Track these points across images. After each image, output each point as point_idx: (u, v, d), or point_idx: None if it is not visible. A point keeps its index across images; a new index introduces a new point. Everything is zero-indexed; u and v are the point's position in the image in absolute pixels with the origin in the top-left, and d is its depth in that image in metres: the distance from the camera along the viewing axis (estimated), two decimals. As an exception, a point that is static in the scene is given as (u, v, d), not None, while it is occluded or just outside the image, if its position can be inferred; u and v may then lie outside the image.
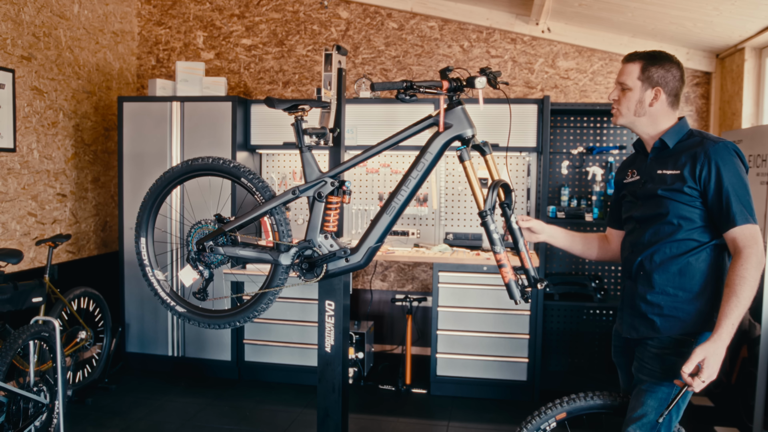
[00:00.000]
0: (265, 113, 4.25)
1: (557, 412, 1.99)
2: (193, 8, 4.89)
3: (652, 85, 1.88)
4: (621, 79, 1.93)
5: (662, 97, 1.88)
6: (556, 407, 2.00)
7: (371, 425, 3.52)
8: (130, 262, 4.25)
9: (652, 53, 1.91)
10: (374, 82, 2.22)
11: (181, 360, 4.26)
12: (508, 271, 1.99)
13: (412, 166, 2.14)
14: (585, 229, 4.33)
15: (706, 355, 1.67)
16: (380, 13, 4.63)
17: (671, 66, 1.89)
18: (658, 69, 1.88)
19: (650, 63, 1.89)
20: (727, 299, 1.69)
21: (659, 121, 1.91)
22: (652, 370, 1.85)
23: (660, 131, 1.91)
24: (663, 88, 1.88)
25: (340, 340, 2.64)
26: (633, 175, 2.01)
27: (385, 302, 4.69)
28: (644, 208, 1.92)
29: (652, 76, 1.88)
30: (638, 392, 1.86)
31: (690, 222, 1.81)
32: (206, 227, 2.34)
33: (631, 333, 1.92)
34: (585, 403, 2.00)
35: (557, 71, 4.45)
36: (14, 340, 2.76)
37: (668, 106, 1.90)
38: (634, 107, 1.91)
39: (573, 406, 1.98)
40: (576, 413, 1.99)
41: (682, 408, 1.85)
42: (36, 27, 3.86)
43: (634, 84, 1.90)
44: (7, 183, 3.67)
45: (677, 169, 1.83)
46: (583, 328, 4.29)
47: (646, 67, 1.88)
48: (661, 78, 1.87)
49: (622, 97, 1.93)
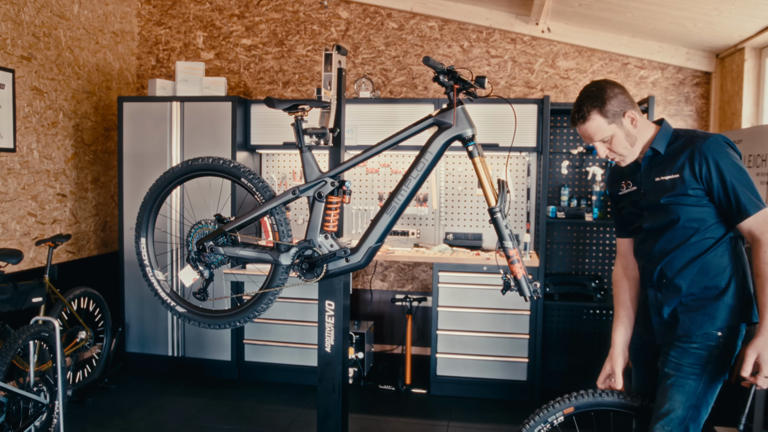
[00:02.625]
0: (265, 113, 4.25)
1: (565, 406, 1.98)
2: (193, 8, 4.89)
3: (622, 115, 1.86)
4: (597, 138, 1.89)
5: (635, 113, 1.87)
6: (565, 401, 1.99)
7: (371, 425, 3.52)
8: (130, 262, 4.25)
9: (593, 96, 1.87)
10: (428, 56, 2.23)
11: (181, 360, 4.26)
12: (520, 268, 2.00)
13: (412, 166, 2.14)
14: (585, 229, 4.33)
15: (759, 351, 1.67)
16: (380, 13, 4.63)
17: (614, 88, 1.87)
18: (611, 101, 1.85)
19: (602, 104, 1.85)
20: (762, 290, 1.70)
21: (645, 133, 1.91)
22: (678, 364, 1.83)
23: (647, 141, 1.91)
24: (629, 108, 1.87)
25: (340, 340, 2.64)
26: (628, 186, 1.99)
27: (385, 302, 4.69)
28: (653, 218, 1.91)
29: (615, 110, 1.86)
30: (664, 388, 1.85)
31: (702, 222, 1.82)
32: (206, 227, 2.34)
33: (664, 339, 1.90)
34: (593, 399, 1.99)
35: (557, 71, 4.45)
36: (14, 340, 2.76)
37: (641, 116, 1.90)
38: (628, 142, 1.89)
39: (582, 402, 1.98)
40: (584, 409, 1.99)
41: (711, 404, 1.84)
42: (36, 27, 3.86)
43: (611, 130, 1.87)
44: (7, 183, 3.67)
45: (676, 173, 1.83)
46: (583, 328, 4.28)
47: (605, 111, 1.85)
48: (621, 103, 1.86)
49: (612, 147, 1.90)
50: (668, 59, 4.26)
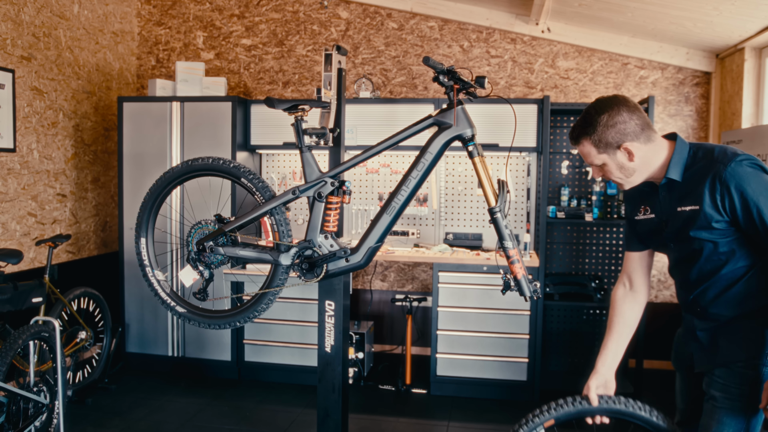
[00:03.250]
0: (265, 113, 4.25)
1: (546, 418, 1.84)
2: (193, 8, 4.89)
3: (616, 147, 1.69)
4: (587, 161, 1.76)
5: (635, 146, 1.68)
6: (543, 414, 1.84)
7: (371, 425, 3.52)
8: (130, 262, 4.25)
9: (587, 122, 1.70)
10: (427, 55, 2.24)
11: (181, 360, 4.26)
12: (520, 268, 2.00)
13: (412, 166, 2.14)
14: (585, 229, 4.33)
15: None
16: (380, 13, 4.63)
17: (615, 114, 1.67)
18: (605, 131, 1.67)
19: (593, 133, 1.69)
20: None
21: (653, 161, 1.72)
22: (725, 385, 1.72)
23: (660, 166, 1.73)
24: (627, 140, 1.68)
25: (340, 340, 2.64)
26: (646, 212, 1.85)
27: (385, 302, 4.69)
28: (679, 249, 1.79)
29: (608, 141, 1.68)
30: (711, 409, 1.74)
31: (732, 253, 1.69)
32: (206, 227, 2.34)
33: (704, 366, 1.80)
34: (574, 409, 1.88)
35: (557, 71, 4.45)
36: (14, 341, 2.76)
37: (647, 144, 1.70)
38: (623, 174, 1.74)
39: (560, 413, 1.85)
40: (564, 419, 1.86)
41: (758, 429, 1.74)
42: (36, 27, 3.86)
43: (602, 159, 1.73)
44: (7, 183, 3.67)
45: (695, 204, 1.67)
46: (583, 328, 4.29)
47: (595, 141, 1.70)
48: (617, 134, 1.67)
49: (605, 172, 1.77)
50: (668, 59, 4.26)
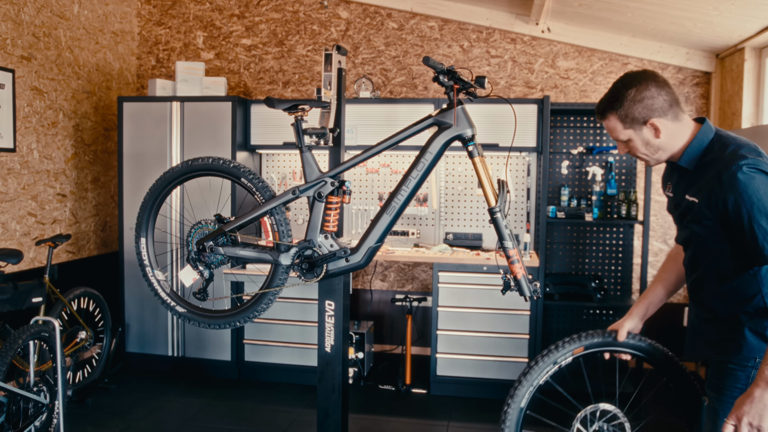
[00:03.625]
0: (265, 113, 4.25)
1: (575, 345, 1.95)
2: (193, 8, 4.89)
3: (643, 123, 1.67)
4: (613, 136, 1.75)
5: (662, 122, 1.66)
6: (574, 341, 1.95)
7: (371, 425, 3.52)
8: (130, 262, 4.25)
9: (614, 96, 1.70)
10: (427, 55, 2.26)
11: (181, 360, 4.26)
12: (520, 268, 2.00)
13: (412, 166, 2.14)
14: (585, 229, 4.33)
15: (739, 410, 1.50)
16: (380, 13, 4.63)
17: (642, 89, 1.66)
18: (632, 106, 1.66)
19: (620, 108, 1.68)
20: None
21: (677, 140, 1.70)
22: (718, 386, 1.70)
23: (681, 148, 1.70)
24: (654, 116, 1.66)
25: (340, 340, 2.64)
26: (669, 190, 1.85)
27: (385, 302, 4.69)
28: (681, 233, 1.80)
29: (635, 116, 1.67)
30: (709, 410, 1.73)
31: (723, 251, 1.66)
32: (206, 227, 2.34)
33: (689, 355, 1.81)
34: (602, 339, 1.95)
35: (557, 71, 4.45)
36: (14, 340, 2.76)
37: (674, 122, 1.68)
38: (648, 150, 1.72)
39: (592, 341, 1.94)
40: (594, 349, 1.95)
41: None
42: (36, 27, 3.86)
43: (627, 134, 1.71)
44: (7, 183, 3.67)
45: (696, 196, 1.66)
46: (583, 328, 4.25)
47: (622, 116, 1.69)
48: (645, 109, 1.66)
49: (630, 148, 1.76)
50: (668, 59, 4.26)
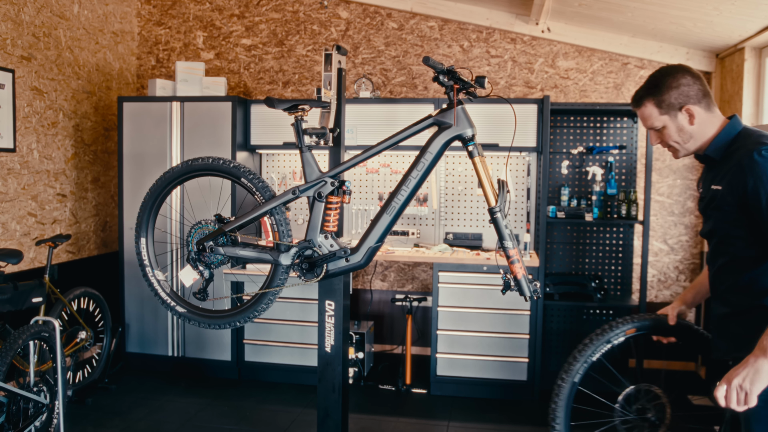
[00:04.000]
0: (265, 113, 4.25)
1: (628, 326, 2.09)
2: (193, 8, 4.89)
3: (678, 109, 1.75)
4: (647, 124, 1.81)
5: (697, 110, 1.74)
6: (627, 323, 2.09)
7: (371, 425, 3.52)
8: (130, 262, 4.25)
9: (652, 83, 1.78)
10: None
11: (181, 360, 4.26)
12: (520, 268, 2.00)
13: (412, 166, 2.14)
14: (585, 229, 4.33)
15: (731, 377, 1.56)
16: (380, 13, 4.63)
17: (679, 77, 1.74)
18: (669, 92, 1.74)
19: (658, 94, 1.76)
20: None
21: (707, 130, 1.76)
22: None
23: (709, 139, 1.76)
24: (690, 103, 1.74)
25: (340, 340, 2.64)
26: (699, 188, 1.90)
27: (385, 302, 4.69)
28: (705, 224, 1.83)
29: (671, 102, 1.74)
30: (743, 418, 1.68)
31: (743, 238, 1.68)
32: (206, 227, 2.34)
33: (717, 354, 1.80)
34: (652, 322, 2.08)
35: (557, 71, 4.45)
36: (14, 340, 2.76)
37: (706, 112, 1.75)
38: (681, 138, 1.78)
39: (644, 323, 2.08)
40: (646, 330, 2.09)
41: None
42: (36, 27, 3.86)
43: (663, 121, 1.78)
44: (7, 183, 3.67)
45: (719, 184, 1.70)
46: (583, 328, 4.28)
47: (659, 101, 1.76)
48: (681, 95, 1.73)
49: (664, 136, 1.81)
50: (668, 59, 4.26)
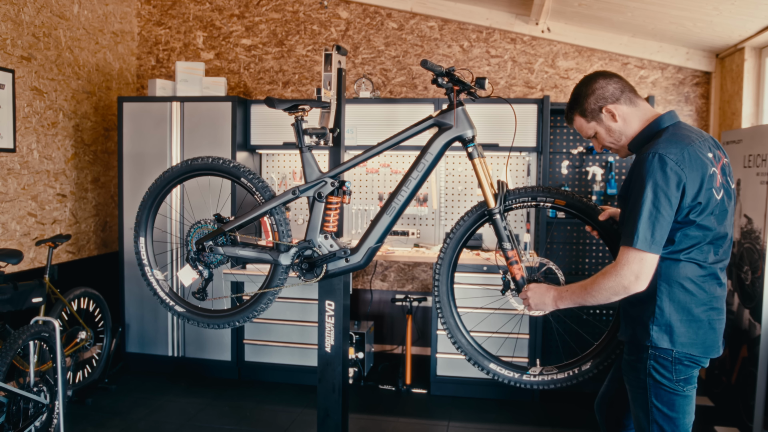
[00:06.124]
0: (265, 113, 4.25)
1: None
2: (192, 8, 4.89)
3: (599, 112, 1.84)
4: (583, 135, 1.93)
5: (616, 107, 1.82)
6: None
7: (371, 425, 3.52)
8: (130, 262, 4.25)
9: (573, 97, 1.89)
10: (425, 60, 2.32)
11: (181, 360, 4.26)
12: (519, 269, 2.01)
13: (413, 167, 2.14)
14: (585, 229, 4.32)
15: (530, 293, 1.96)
16: (380, 13, 4.63)
17: (592, 83, 1.84)
18: (588, 99, 1.84)
19: (580, 105, 1.86)
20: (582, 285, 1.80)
21: (633, 125, 1.84)
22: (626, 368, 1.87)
23: (634, 132, 1.84)
24: (608, 103, 1.82)
25: (340, 340, 2.64)
26: None
27: (385, 302, 4.69)
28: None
29: (592, 108, 1.84)
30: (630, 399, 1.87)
31: None
32: (206, 227, 2.34)
33: (619, 334, 1.94)
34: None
35: (557, 71, 4.45)
36: (14, 341, 2.76)
37: (629, 107, 1.83)
38: (612, 137, 1.86)
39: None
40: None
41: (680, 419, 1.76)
42: (36, 27, 3.86)
43: (592, 128, 1.88)
44: (7, 183, 3.67)
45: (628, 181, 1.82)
46: (583, 328, 4.28)
47: (582, 110, 1.86)
48: (598, 99, 1.83)
49: (600, 140, 1.90)
50: (668, 59, 4.26)
